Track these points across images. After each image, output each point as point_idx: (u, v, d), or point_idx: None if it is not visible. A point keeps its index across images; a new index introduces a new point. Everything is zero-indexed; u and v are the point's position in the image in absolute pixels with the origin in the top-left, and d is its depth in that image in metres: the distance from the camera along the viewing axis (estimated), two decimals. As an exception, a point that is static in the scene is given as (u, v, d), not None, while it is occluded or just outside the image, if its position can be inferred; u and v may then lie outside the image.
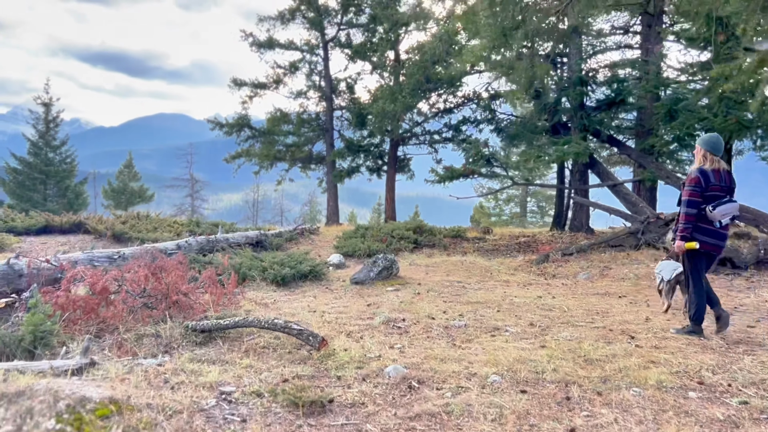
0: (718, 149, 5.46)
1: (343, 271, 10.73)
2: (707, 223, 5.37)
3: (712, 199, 5.32)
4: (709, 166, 5.39)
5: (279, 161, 24.30)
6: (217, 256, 10.68)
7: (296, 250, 13.91)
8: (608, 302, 7.18)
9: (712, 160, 5.42)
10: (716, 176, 5.35)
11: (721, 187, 5.35)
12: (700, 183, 5.33)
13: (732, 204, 5.32)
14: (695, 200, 5.35)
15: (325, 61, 23.75)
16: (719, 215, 5.28)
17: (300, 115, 23.84)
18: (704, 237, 5.39)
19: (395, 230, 13.57)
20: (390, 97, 14.10)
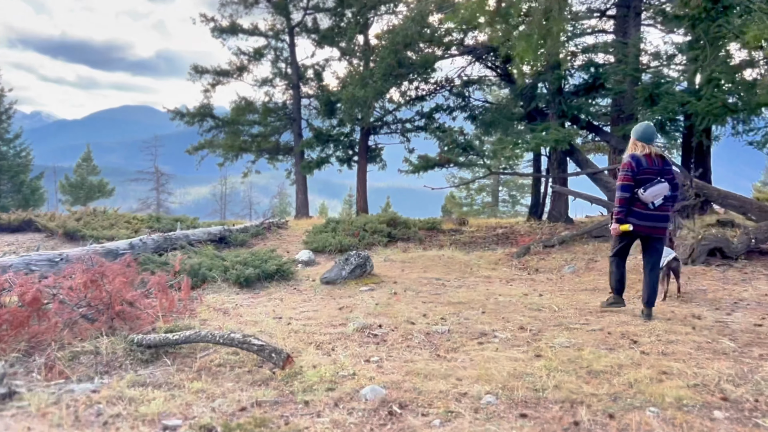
0: (647, 138, 5.77)
1: (312, 268, 10.08)
2: (640, 206, 5.65)
3: (644, 183, 5.61)
4: (640, 152, 5.70)
5: (245, 152, 23.44)
6: (176, 256, 9.93)
7: (263, 246, 13.20)
8: (600, 299, 6.69)
9: (643, 146, 5.73)
10: (648, 160, 5.65)
11: (653, 170, 5.64)
12: (631, 167, 5.64)
13: (661, 185, 5.57)
14: (627, 184, 5.65)
15: (291, 47, 22.90)
16: (650, 197, 5.57)
17: (266, 103, 23.00)
18: (637, 219, 5.67)
19: (368, 224, 12.96)
20: (360, 82, 13.42)
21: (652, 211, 5.64)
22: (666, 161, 5.79)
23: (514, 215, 46.05)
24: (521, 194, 45.77)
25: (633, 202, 5.66)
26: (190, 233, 11.45)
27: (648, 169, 5.63)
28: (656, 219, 5.67)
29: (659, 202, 5.64)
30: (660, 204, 5.64)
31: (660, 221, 5.70)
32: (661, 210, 5.67)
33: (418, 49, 14.72)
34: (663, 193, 5.61)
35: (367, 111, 14.34)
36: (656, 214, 5.65)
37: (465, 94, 18.52)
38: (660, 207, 5.65)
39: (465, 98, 18.38)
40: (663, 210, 5.69)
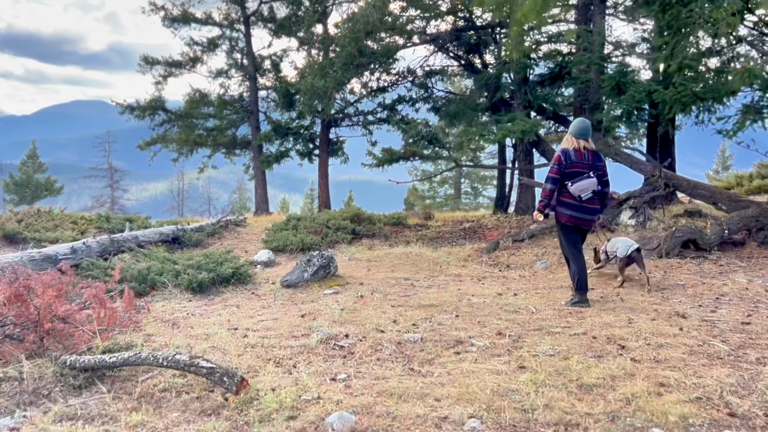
0: (582, 133, 6.02)
1: (272, 270, 9.53)
2: (571, 198, 5.93)
3: (573, 176, 5.89)
4: (571, 146, 5.98)
5: (200, 147, 22.55)
6: (124, 259, 9.26)
7: (219, 246, 12.57)
8: (578, 298, 6.37)
9: (576, 141, 5.99)
10: (578, 155, 5.93)
11: (583, 164, 5.91)
12: (560, 161, 5.92)
13: (590, 179, 5.86)
14: (554, 177, 5.96)
15: (246, 37, 22.10)
16: (577, 190, 5.85)
17: (221, 96, 22.15)
18: (569, 211, 5.97)
19: (331, 220, 12.45)
20: (319, 72, 12.85)
21: (580, 203, 5.93)
22: (598, 157, 6.07)
23: (476, 207, 46.12)
24: (483, 186, 45.88)
25: (562, 194, 5.99)
26: (140, 234, 10.74)
27: (578, 163, 5.92)
28: (584, 211, 5.97)
29: (587, 196, 5.89)
30: (588, 198, 5.90)
31: (587, 213, 6.00)
32: (589, 203, 5.95)
33: (380, 38, 14.24)
34: (591, 187, 5.88)
35: (327, 102, 13.78)
36: (584, 206, 5.95)
37: (428, 85, 18.13)
38: (588, 200, 5.92)
39: (428, 89, 17.99)
40: (591, 203, 5.97)
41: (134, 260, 8.73)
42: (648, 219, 10.82)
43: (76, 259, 8.38)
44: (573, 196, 5.92)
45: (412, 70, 19.20)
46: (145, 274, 7.68)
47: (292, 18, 19.69)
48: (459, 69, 18.20)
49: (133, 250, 9.53)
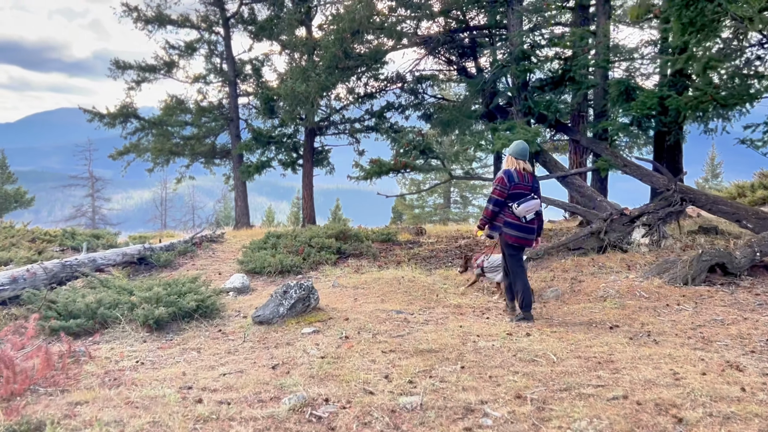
0: (523, 155, 6.34)
1: (246, 298, 8.51)
2: (515, 218, 6.22)
3: (516, 197, 6.21)
4: (513, 168, 6.28)
5: (177, 156, 21.47)
6: (74, 289, 8.20)
7: (191, 267, 11.54)
8: (603, 340, 5.43)
9: (518, 163, 6.30)
10: (520, 177, 6.24)
11: (525, 185, 6.25)
12: (504, 182, 6.21)
13: (534, 201, 6.22)
14: (498, 199, 6.26)
15: (226, 40, 21.13)
16: (523, 211, 6.15)
17: (199, 102, 21.11)
18: (516, 231, 6.26)
19: (314, 238, 11.45)
20: (301, 76, 11.87)
21: (525, 224, 6.24)
22: (535, 178, 6.44)
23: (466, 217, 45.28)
24: (473, 195, 45.12)
25: (507, 215, 6.26)
26: (99, 257, 9.66)
27: (520, 184, 6.23)
28: (527, 231, 6.30)
29: (531, 216, 6.23)
30: (531, 218, 6.25)
31: (530, 233, 6.33)
32: (530, 223, 6.29)
33: (367, 41, 13.31)
34: (535, 208, 6.24)
35: (310, 109, 12.79)
36: (527, 227, 6.28)
37: (418, 90, 17.27)
38: (530, 221, 6.27)
39: (418, 95, 17.12)
40: (531, 223, 6.31)
41: (86, 289, 7.68)
42: (663, 237, 9.94)
43: (17, 290, 7.31)
44: (518, 217, 6.21)
45: (401, 76, 18.34)
46: (94, 309, 6.63)
47: (274, 20, 18.73)
48: (451, 74, 17.35)
49: (88, 275, 8.46)
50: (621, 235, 9.88)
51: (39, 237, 15.59)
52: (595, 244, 9.87)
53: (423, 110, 16.54)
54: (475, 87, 12.93)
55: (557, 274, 8.57)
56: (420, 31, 13.99)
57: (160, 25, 20.52)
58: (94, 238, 15.04)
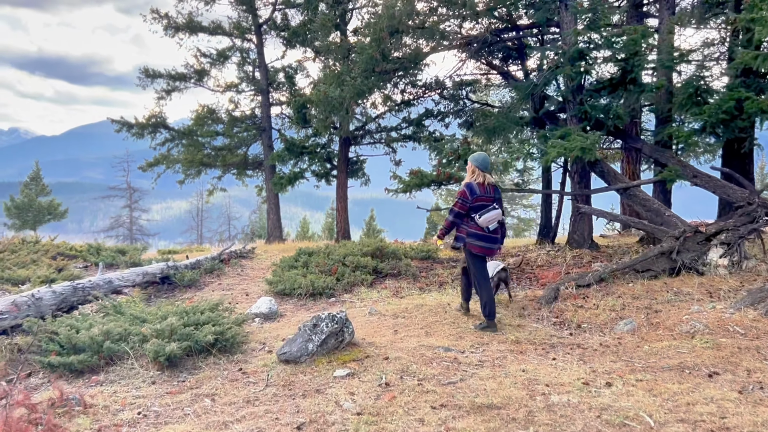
0: (485, 166, 6.55)
1: (273, 325, 7.69)
2: (479, 229, 6.42)
3: (479, 209, 6.40)
4: (476, 180, 6.46)
5: (208, 168, 20.97)
6: (86, 314, 7.52)
7: (217, 286, 10.82)
8: (706, 394, 4.40)
9: (481, 174, 6.49)
10: (481, 188, 6.45)
11: (487, 197, 6.46)
12: (466, 195, 6.42)
13: (495, 211, 6.41)
14: (460, 211, 6.49)
15: (258, 47, 20.60)
16: (486, 222, 6.36)
17: (231, 111, 20.58)
18: (480, 242, 6.46)
19: (349, 256, 10.60)
20: (336, 80, 11.07)
21: (488, 233, 6.46)
22: (497, 190, 6.64)
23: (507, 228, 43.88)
24: (511, 206, 43.81)
25: (471, 226, 6.48)
26: (116, 277, 8.98)
27: (482, 196, 6.44)
28: (491, 241, 6.52)
29: (494, 226, 6.45)
30: (494, 228, 6.48)
31: (493, 243, 6.56)
32: (494, 233, 6.52)
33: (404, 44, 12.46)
34: (497, 218, 6.42)
35: (344, 116, 11.96)
36: (491, 236, 6.50)
37: (459, 96, 16.34)
38: (493, 231, 6.50)
39: (459, 101, 16.19)
40: (495, 233, 6.55)
41: (96, 316, 6.96)
42: (744, 258, 8.76)
43: (19, 318, 6.63)
44: (481, 227, 6.42)
45: (440, 81, 17.48)
46: (99, 342, 5.88)
47: (308, 25, 18.07)
48: (493, 78, 16.40)
49: (100, 299, 7.75)
50: (695, 255, 8.74)
51: (64, 252, 15.16)
52: (666, 265, 8.75)
53: (464, 117, 15.60)
54: (523, 91, 11.93)
55: (627, 302, 7.50)
56: (462, 32, 13.09)
57: (192, 33, 20.11)
58: (119, 253, 14.53)
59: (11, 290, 9.76)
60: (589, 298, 7.88)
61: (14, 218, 28.91)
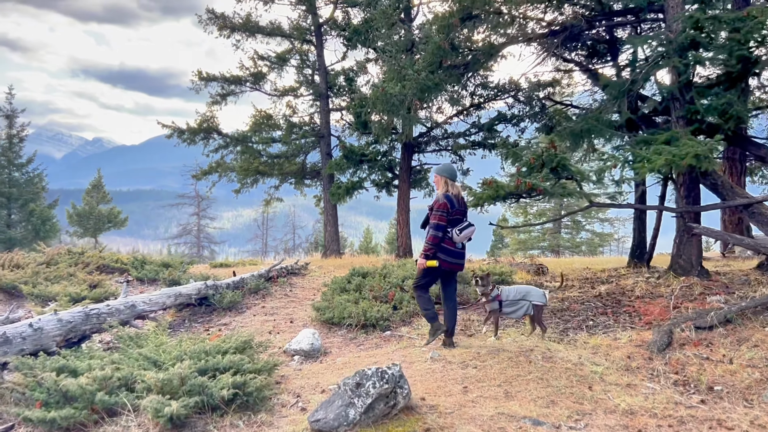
0: (455, 176, 6.48)
1: (314, 367, 6.41)
2: (450, 244, 6.26)
3: (455, 223, 6.25)
4: (452, 192, 6.33)
5: (265, 177, 20.12)
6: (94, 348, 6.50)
7: (258, 311, 9.68)
8: None
9: (453, 185, 6.39)
10: (457, 202, 6.34)
11: (461, 211, 6.37)
12: (446, 208, 6.21)
13: (471, 227, 6.27)
14: (442, 224, 6.19)
15: (318, 49, 19.65)
16: (464, 238, 6.24)
17: (288, 117, 19.68)
18: (447, 257, 6.25)
19: (408, 279, 9.23)
20: (396, 75, 9.73)
21: (458, 249, 6.32)
22: (465, 203, 6.52)
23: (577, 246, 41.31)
24: (587, 220, 41.27)
25: (444, 240, 6.22)
26: (141, 300, 7.94)
27: (458, 209, 6.31)
28: (460, 256, 6.34)
29: (465, 242, 6.36)
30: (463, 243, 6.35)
31: (461, 258, 6.37)
32: (463, 249, 6.38)
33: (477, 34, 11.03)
34: (471, 234, 6.29)
35: (406, 116, 10.54)
36: (460, 252, 6.34)
37: (536, 98, 14.77)
38: (462, 246, 6.36)
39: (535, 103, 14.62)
40: (463, 248, 6.41)
41: (100, 354, 5.88)
42: None
43: (11, 353, 5.61)
44: (454, 243, 6.23)
45: (514, 82, 15.97)
46: (91, 392, 4.75)
47: (369, 23, 16.91)
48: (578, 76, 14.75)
49: (115, 327, 6.69)
50: None
51: (109, 265, 14.51)
52: (813, 303, 6.93)
53: (543, 120, 14.00)
54: (617, 89, 10.26)
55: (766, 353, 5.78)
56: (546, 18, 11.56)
57: (249, 35, 19.35)
58: (163, 267, 13.71)
59: (34, 310, 8.93)
60: (716, 346, 6.19)
61: (76, 226, 29.18)
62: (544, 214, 41.67)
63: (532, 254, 33.67)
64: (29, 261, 13.88)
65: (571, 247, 42.26)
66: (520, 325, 7.82)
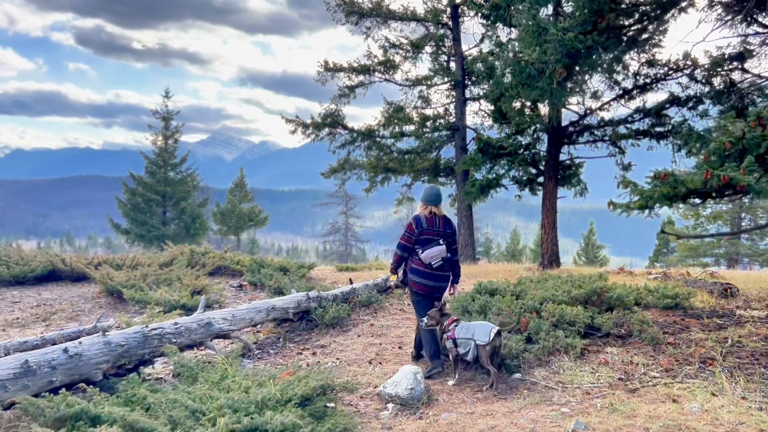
0: (432, 200, 6.39)
1: (408, 425, 4.79)
2: (422, 265, 6.25)
3: (424, 243, 6.24)
4: (423, 213, 6.37)
5: (395, 174, 18.86)
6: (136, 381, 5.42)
7: (365, 330, 8.30)
8: None
9: (427, 207, 6.38)
10: (430, 222, 6.31)
11: (434, 231, 6.30)
12: (412, 228, 6.32)
13: (439, 247, 6.20)
14: (405, 244, 6.33)
15: (454, 32, 17.98)
16: (428, 258, 6.18)
17: (421, 109, 18.22)
18: (419, 278, 6.28)
19: (548, 302, 7.30)
20: (534, 36, 7.70)
21: (432, 270, 6.23)
22: (449, 224, 6.42)
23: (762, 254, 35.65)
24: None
25: (414, 260, 6.30)
26: (221, 317, 6.82)
27: (428, 230, 6.27)
28: (434, 278, 6.28)
29: (437, 263, 6.21)
30: (438, 265, 6.22)
31: (437, 281, 6.31)
32: (438, 270, 6.26)
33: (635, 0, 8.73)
34: (441, 255, 6.19)
35: (547, 89, 8.39)
36: (435, 274, 6.26)
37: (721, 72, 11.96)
38: (438, 268, 6.24)
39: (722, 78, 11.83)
40: (441, 271, 6.28)
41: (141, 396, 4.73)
42: None
43: (35, 386, 4.63)
44: (424, 263, 6.21)
45: (690, 57, 13.22)
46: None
47: None
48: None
49: (171, 354, 5.57)
50: None
51: (228, 266, 13.99)
52: None
53: (731, 101, 11.22)
54: None
55: None
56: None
57: (381, 21, 18.15)
58: (280, 271, 12.88)
59: (123, 320, 8.24)
60: None
61: (219, 224, 30.12)
62: (720, 217, 36.56)
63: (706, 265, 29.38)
64: (151, 261, 13.74)
65: (753, 256, 36.79)
66: (708, 372, 5.61)
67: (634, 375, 5.72)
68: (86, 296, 11.17)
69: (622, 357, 6.25)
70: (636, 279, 11.50)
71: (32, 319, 9.38)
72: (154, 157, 36.14)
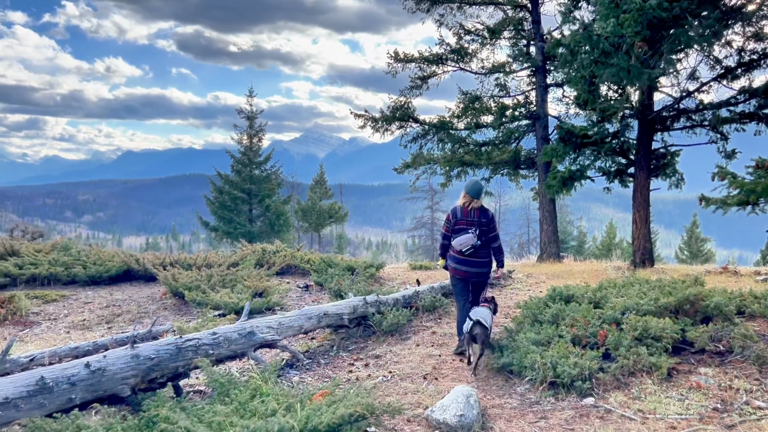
0: (472, 192, 6.82)
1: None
2: (454, 251, 6.84)
3: (458, 232, 6.76)
4: (460, 204, 6.87)
5: (472, 167, 18.04)
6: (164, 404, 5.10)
7: (426, 338, 7.75)
8: None
9: (466, 198, 6.81)
10: (464, 212, 6.80)
11: (468, 221, 6.75)
12: (449, 219, 6.92)
13: (467, 235, 6.65)
14: (444, 233, 6.97)
15: (533, 13, 16.88)
16: (458, 245, 6.70)
17: (499, 98, 17.29)
18: (453, 263, 6.89)
19: (630, 311, 6.40)
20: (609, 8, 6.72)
21: (464, 257, 6.72)
22: (485, 214, 6.79)
23: None
24: None
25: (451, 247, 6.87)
26: (264, 326, 6.40)
27: (462, 219, 6.77)
28: (467, 264, 6.75)
29: (468, 250, 6.66)
30: (469, 252, 6.67)
31: (471, 266, 6.75)
32: (472, 257, 6.71)
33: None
34: (469, 242, 6.62)
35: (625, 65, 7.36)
36: (467, 260, 6.73)
37: None
38: (470, 254, 6.69)
39: None
40: (474, 257, 6.71)
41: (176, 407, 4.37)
42: None
43: (53, 405, 4.37)
44: (455, 249, 6.75)
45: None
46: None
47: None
48: None
49: (203, 367, 5.20)
50: None
51: (298, 265, 13.76)
52: None
53: None
54: None
55: None
56: None
57: (457, 8, 17.35)
58: (347, 271, 12.47)
59: (176, 325, 8.06)
60: None
61: (301, 221, 30.33)
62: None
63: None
64: (222, 260, 13.72)
65: None
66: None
67: (732, 405, 4.79)
68: (154, 297, 11.23)
69: (719, 380, 5.30)
70: (741, 281, 10.21)
71: (97, 321, 9.46)
72: (240, 155, 36.96)
